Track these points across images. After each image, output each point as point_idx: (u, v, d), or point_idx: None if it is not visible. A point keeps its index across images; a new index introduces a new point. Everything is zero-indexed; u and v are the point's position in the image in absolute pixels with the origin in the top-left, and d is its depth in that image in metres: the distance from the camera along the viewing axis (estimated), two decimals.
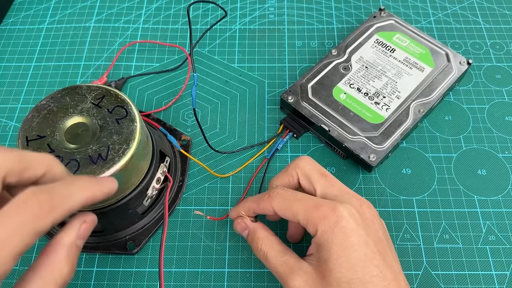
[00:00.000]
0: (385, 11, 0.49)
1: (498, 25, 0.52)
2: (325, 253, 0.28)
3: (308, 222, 0.29)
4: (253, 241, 0.33)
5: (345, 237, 0.28)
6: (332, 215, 0.29)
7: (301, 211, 0.30)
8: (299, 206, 0.30)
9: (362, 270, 0.28)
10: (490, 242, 0.38)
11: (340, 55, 0.46)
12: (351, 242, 0.28)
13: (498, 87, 0.47)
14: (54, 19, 0.54)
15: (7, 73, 0.50)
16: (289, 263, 0.30)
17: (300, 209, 0.30)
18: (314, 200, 0.30)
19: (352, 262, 0.28)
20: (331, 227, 0.28)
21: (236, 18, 0.54)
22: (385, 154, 0.40)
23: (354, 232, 0.28)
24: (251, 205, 0.34)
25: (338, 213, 0.29)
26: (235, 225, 0.35)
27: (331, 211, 0.29)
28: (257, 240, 0.32)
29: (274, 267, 0.31)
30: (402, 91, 0.43)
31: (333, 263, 0.28)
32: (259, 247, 0.32)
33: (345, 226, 0.28)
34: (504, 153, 0.43)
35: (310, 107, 0.43)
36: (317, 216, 0.29)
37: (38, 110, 0.34)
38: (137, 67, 0.50)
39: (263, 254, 0.32)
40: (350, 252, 0.28)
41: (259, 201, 0.33)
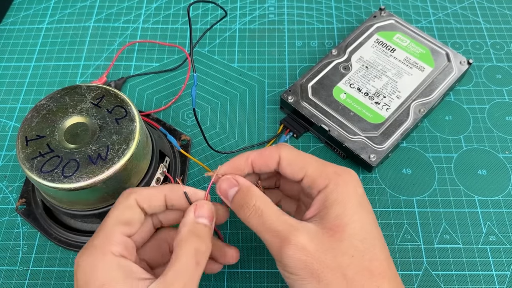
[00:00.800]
0: (385, 11, 0.49)
1: (499, 25, 0.52)
2: (337, 207, 0.27)
3: (320, 175, 0.28)
4: (244, 199, 0.29)
5: (358, 196, 0.27)
6: (346, 173, 0.28)
7: (313, 164, 0.29)
8: (311, 159, 0.29)
9: (372, 231, 0.27)
10: (491, 242, 0.38)
11: (340, 55, 0.46)
12: (364, 203, 0.28)
13: (499, 87, 0.47)
14: (54, 19, 0.54)
15: (7, 73, 0.50)
16: (290, 221, 0.27)
17: (312, 162, 0.29)
18: (325, 161, 0.29)
19: (365, 222, 0.27)
20: (346, 182, 0.28)
21: (236, 18, 0.54)
22: (385, 154, 0.40)
23: (364, 195, 0.28)
24: (250, 154, 0.30)
25: (351, 174, 0.28)
26: (221, 182, 0.30)
27: (344, 171, 0.28)
28: (250, 196, 0.28)
29: (270, 226, 0.27)
30: (402, 91, 0.43)
31: (348, 218, 0.26)
32: (253, 202, 0.28)
33: (358, 186, 0.28)
34: (504, 153, 0.43)
35: (310, 107, 0.43)
36: (331, 170, 0.28)
37: (37, 110, 0.34)
38: (137, 67, 0.50)
39: (257, 211, 0.28)
40: (364, 212, 0.27)
41: (263, 151, 0.30)
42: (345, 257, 0.26)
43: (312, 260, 0.25)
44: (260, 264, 0.38)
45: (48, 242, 0.39)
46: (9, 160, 0.44)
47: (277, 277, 0.37)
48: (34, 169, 0.31)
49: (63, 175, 0.31)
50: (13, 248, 0.39)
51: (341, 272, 0.25)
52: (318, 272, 0.25)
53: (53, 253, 0.39)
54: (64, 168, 0.31)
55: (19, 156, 0.32)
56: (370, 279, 0.26)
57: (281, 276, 0.37)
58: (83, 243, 0.38)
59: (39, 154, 0.32)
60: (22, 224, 0.40)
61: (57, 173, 0.31)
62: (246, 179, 0.30)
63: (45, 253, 0.39)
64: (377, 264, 0.26)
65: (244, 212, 0.28)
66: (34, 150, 0.32)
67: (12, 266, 0.38)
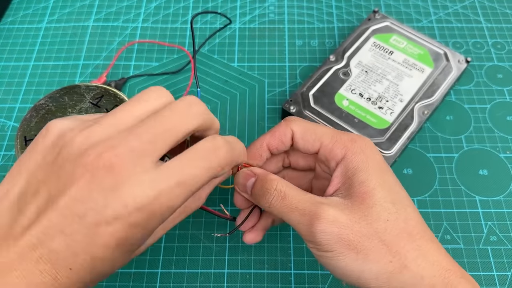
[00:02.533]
0: (379, 13, 0.48)
1: (500, 24, 0.52)
2: (361, 175, 0.26)
3: (336, 145, 0.27)
4: (264, 185, 0.28)
5: (377, 161, 0.27)
6: (361, 139, 0.28)
7: (327, 134, 0.28)
8: (325, 129, 0.28)
9: (400, 193, 0.26)
10: (492, 242, 0.38)
11: (338, 60, 0.46)
12: (385, 166, 0.27)
13: (500, 86, 0.47)
14: (53, 18, 0.54)
15: (6, 73, 0.50)
16: (315, 198, 0.26)
17: (326, 132, 0.28)
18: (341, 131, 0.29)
19: (392, 184, 0.26)
20: (363, 148, 0.27)
21: (236, 17, 0.53)
22: (393, 160, 0.40)
23: (383, 159, 0.27)
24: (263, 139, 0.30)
25: (367, 139, 0.28)
26: (236, 177, 0.30)
27: (359, 137, 0.28)
28: (270, 181, 0.27)
29: (297, 204, 0.26)
30: (404, 93, 0.43)
31: (374, 182, 0.26)
32: (274, 186, 0.27)
33: (376, 152, 0.27)
34: (505, 153, 0.43)
35: (314, 116, 0.42)
36: (347, 138, 0.27)
37: (36, 110, 0.34)
38: (136, 66, 0.50)
39: (280, 193, 0.27)
40: (388, 174, 0.27)
41: (274, 131, 0.29)
42: (379, 222, 0.25)
43: (346, 230, 0.24)
44: (260, 265, 0.38)
45: None
46: (8, 160, 0.44)
47: (277, 278, 0.37)
48: None
49: None
50: None
51: (379, 238, 0.24)
52: (354, 242, 0.24)
53: None
54: None
55: (18, 156, 0.32)
56: (410, 240, 0.25)
57: (281, 276, 0.37)
58: None
59: None
60: None
61: None
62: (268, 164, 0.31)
63: None
64: (413, 224, 0.25)
65: (267, 198, 0.27)
66: None
67: None
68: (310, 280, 0.37)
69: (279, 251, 0.38)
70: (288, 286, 0.37)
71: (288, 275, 0.37)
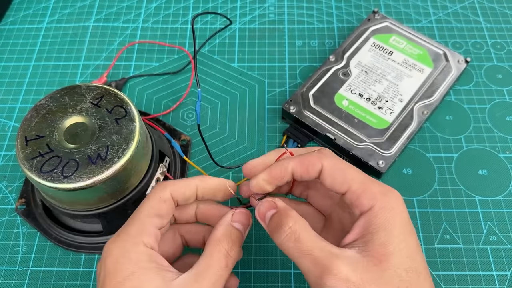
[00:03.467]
0: (378, 13, 0.48)
1: (499, 24, 0.52)
2: (383, 234, 0.25)
3: (364, 193, 0.26)
4: (281, 220, 0.27)
5: (404, 221, 0.26)
6: (392, 195, 0.26)
7: (357, 179, 0.26)
8: (356, 174, 0.27)
9: (417, 259, 0.25)
10: (491, 242, 0.38)
11: (338, 61, 0.46)
12: (409, 228, 0.26)
13: (499, 86, 0.47)
14: (53, 18, 0.54)
15: (6, 73, 0.50)
16: (329, 248, 0.25)
17: (357, 177, 0.27)
18: (370, 177, 0.27)
19: (411, 250, 0.25)
20: (392, 206, 0.25)
21: (236, 18, 0.54)
22: (393, 160, 0.40)
23: (408, 217, 0.26)
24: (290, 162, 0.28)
25: (397, 195, 0.26)
26: (260, 205, 0.29)
27: (390, 191, 0.26)
28: (287, 218, 0.27)
29: (308, 251, 0.25)
30: (404, 93, 0.43)
31: (394, 246, 0.24)
32: (290, 225, 0.26)
33: (404, 211, 0.26)
34: (505, 153, 0.43)
35: (313, 116, 0.42)
36: (378, 190, 0.26)
37: (37, 110, 0.34)
38: (137, 66, 0.50)
39: (294, 234, 0.26)
40: (410, 239, 0.25)
41: (305, 157, 0.28)
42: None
43: None
44: (260, 265, 0.38)
45: (48, 242, 0.39)
46: (8, 160, 0.44)
47: (277, 278, 0.37)
48: (34, 169, 0.31)
49: (63, 175, 0.31)
50: (12, 248, 0.39)
51: None
52: None
53: (53, 253, 0.39)
54: (63, 168, 0.31)
55: (19, 156, 0.32)
56: None
57: (281, 275, 0.37)
58: (83, 243, 0.38)
59: (38, 154, 0.32)
60: (22, 224, 0.40)
61: (56, 173, 0.31)
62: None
63: (45, 253, 0.39)
64: None
65: (280, 235, 0.26)
66: (34, 150, 0.32)
67: (12, 266, 0.38)
68: None
69: (279, 251, 0.38)
70: (288, 285, 0.37)
71: (288, 274, 0.37)
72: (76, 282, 0.37)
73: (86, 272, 0.38)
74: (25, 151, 0.32)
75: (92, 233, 0.38)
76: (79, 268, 0.38)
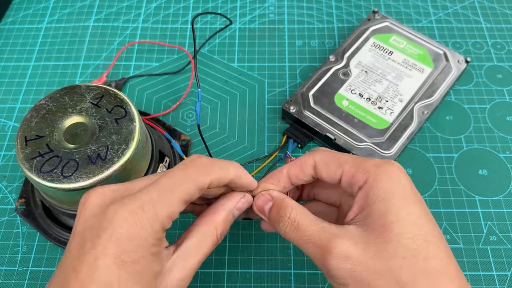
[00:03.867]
0: (379, 13, 0.48)
1: (499, 24, 0.52)
2: (381, 204, 0.24)
3: (358, 170, 0.26)
4: (279, 212, 0.27)
5: (404, 188, 0.25)
6: (386, 165, 0.26)
7: (349, 161, 0.27)
8: (347, 157, 0.27)
9: (425, 227, 0.24)
10: (491, 242, 0.38)
11: (338, 61, 0.46)
12: (411, 195, 0.25)
13: (499, 87, 0.47)
14: (53, 18, 0.54)
15: (6, 73, 0.50)
16: (329, 229, 0.25)
17: (349, 158, 0.27)
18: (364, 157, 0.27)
19: (415, 217, 0.24)
20: (388, 174, 0.25)
21: (236, 18, 0.54)
22: (393, 160, 0.40)
23: (411, 186, 0.25)
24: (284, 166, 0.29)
25: (393, 165, 0.26)
26: (256, 200, 0.29)
27: (385, 162, 0.26)
28: (284, 208, 0.27)
29: (310, 236, 0.25)
30: (404, 93, 0.43)
31: (393, 215, 0.24)
32: (288, 215, 0.26)
33: (402, 178, 0.25)
34: (505, 153, 0.43)
35: (313, 116, 0.42)
36: (371, 163, 0.26)
37: (37, 110, 0.34)
38: (136, 66, 0.50)
39: (293, 223, 0.26)
40: (412, 205, 0.24)
41: (296, 162, 0.29)
42: (396, 260, 0.23)
43: (359, 267, 0.23)
44: (260, 265, 0.38)
45: (48, 242, 0.39)
46: (8, 160, 0.44)
47: (277, 278, 0.37)
48: (34, 169, 0.31)
49: (63, 175, 0.31)
50: (12, 249, 0.39)
51: (394, 278, 0.23)
52: (368, 280, 0.23)
53: (53, 253, 0.39)
54: (63, 168, 0.31)
55: (19, 156, 0.32)
56: (428, 281, 0.23)
57: (281, 275, 0.37)
58: None
59: (38, 154, 0.32)
60: (22, 224, 0.40)
61: (56, 173, 0.31)
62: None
63: (45, 253, 0.39)
64: (435, 263, 0.23)
65: (281, 227, 0.27)
66: (34, 150, 0.32)
67: (12, 267, 0.38)
68: (310, 279, 0.37)
69: (279, 251, 0.38)
70: (288, 285, 0.37)
71: (288, 274, 0.37)
72: None
73: None
74: (25, 151, 0.32)
75: None
76: None
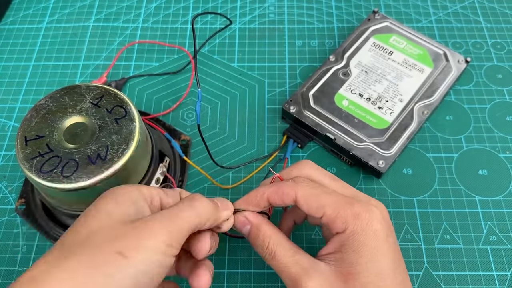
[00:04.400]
0: (379, 13, 0.48)
1: (499, 24, 0.52)
2: (352, 255, 0.26)
3: (338, 218, 0.27)
4: (257, 238, 0.29)
5: (376, 241, 0.27)
6: (366, 215, 0.27)
7: (330, 204, 0.27)
8: (329, 199, 0.28)
9: (389, 277, 0.26)
10: (491, 242, 0.38)
11: (338, 61, 0.46)
12: (382, 247, 0.27)
13: (499, 86, 0.47)
14: (53, 18, 0.54)
15: (6, 73, 0.50)
16: (302, 262, 0.27)
17: (330, 201, 0.28)
18: (344, 196, 0.28)
19: (381, 268, 0.26)
20: (364, 228, 0.27)
21: (236, 18, 0.54)
22: (393, 160, 0.40)
23: (385, 237, 0.27)
24: (266, 190, 0.30)
25: (372, 214, 0.27)
26: (235, 221, 0.31)
27: (365, 211, 0.27)
28: (262, 236, 0.29)
29: (284, 267, 0.27)
30: (404, 93, 0.43)
31: (362, 266, 0.26)
32: (266, 244, 0.29)
33: (378, 230, 0.27)
34: (505, 153, 0.43)
35: (313, 116, 0.42)
36: (350, 213, 0.27)
37: (37, 110, 0.34)
38: (136, 66, 0.50)
39: (270, 252, 0.28)
40: (381, 258, 0.26)
41: (280, 186, 0.29)
42: None
43: None
44: (260, 265, 0.38)
45: (48, 242, 0.39)
46: (8, 160, 0.44)
47: (277, 278, 0.37)
48: (34, 169, 0.31)
49: (63, 175, 0.31)
50: (12, 249, 0.39)
51: None
52: None
53: None
54: (63, 168, 0.31)
55: (19, 156, 0.32)
56: None
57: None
58: None
59: (38, 154, 0.32)
60: (22, 224, 0.40)
61: (56, 173, 0.31)
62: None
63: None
64: None
65: (259, 252, 0.29)
66: (34, 150, 0.32)
67: (12, 267, 0.38)
68: None
69: None
70: None
71: None
72: None
73: None
74: (25, 151, 0.32)
75: None
76: None
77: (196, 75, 0.34)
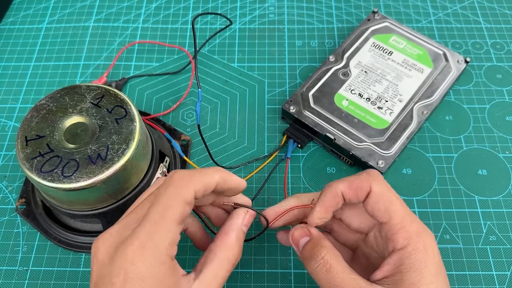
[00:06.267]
0: (378, 14, 0.48)
1: (499, 24, 0.52)
2: (414, 275, 0.25)
3: (401, 231, 0.26)
4: (313, 249, 0.28)
5: (435, 264, 0.26)
6: (427, 234, 0.26)
7: (400, 213, 0.26)
8: (400, 207, 0.27)
9: None
10: (491, 242, 0.38)
11: (338, 61, 0.46)
12: (441, 270, 0.26)
13: (499, 87, 0.47)
14: (54, 18, 0.54)
15: (6, 73, 0.50)
16: (359, 282, 0.26)
17: (400, 211, 0.26)
18: (410, 212, 0.27)
19: None
20: (426, 247, 0.26)
21: (236, 18, 0.54)
22: (393, 160, 0.40)
23: (440, 259, 0.26)
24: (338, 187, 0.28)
25: (431, 235, 0.26)
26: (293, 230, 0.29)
27: (425, 231, 0.26)
28: (320, 247, 0.27)
29: (339, 283, 0.26)
30: (403, 94, 0.43)
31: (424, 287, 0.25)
32: (322, 255, 0.27)
33: (436, 254, 0.26)
34: (504, 153, 0.43)
35: (313, 116, 0.42)
36: (415, 229, 0.26)
37: (37, 110, 0.34)
38: (137, 66, 0.50)
39: (325, 265, 0.27)
40: (440, 281, 0.26)
41: (352, 182, 0.27)
42: None
43: None
44: (260, 265, 0.38)
45: (48, 242, 0.39)
46: (8, 160, 0.44)
47: (277, 278, 0.37)
48: (34, 169, 0.31)
49: (63, 175, 0.31)
50: (12, 248, 0.39)
51: None
52: None
53: (53, 253, 0.39)
54: (63, 168, 0.31)
55: (19, 156, 0.32)
56: None
57: (281, 275, 0.37)
58: (83, 243, 0.38)
59: (39, 154, 0.32)
60: (22, 224, 0.40)
61: (56, 173, 0.31)
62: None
63: (45, 253, 0.39)
64: None
65: (312, 264, 0.27)
66: (34, 150, 0.32)
67: (12, 266, 0.38)
68: (310, 279, 0.37)
69: (279, 251, 0.38)
70: (288, 285, 0.37)
71: (288, 274, 0.37)
72: (76, 282, 0.37)
73: (86, 272, 0.38)
74: (25, 151, 0.32)
75: (92, 233, 0.38)
76: (79, 268, 0.38)
77: (196, 75, 0.34)
